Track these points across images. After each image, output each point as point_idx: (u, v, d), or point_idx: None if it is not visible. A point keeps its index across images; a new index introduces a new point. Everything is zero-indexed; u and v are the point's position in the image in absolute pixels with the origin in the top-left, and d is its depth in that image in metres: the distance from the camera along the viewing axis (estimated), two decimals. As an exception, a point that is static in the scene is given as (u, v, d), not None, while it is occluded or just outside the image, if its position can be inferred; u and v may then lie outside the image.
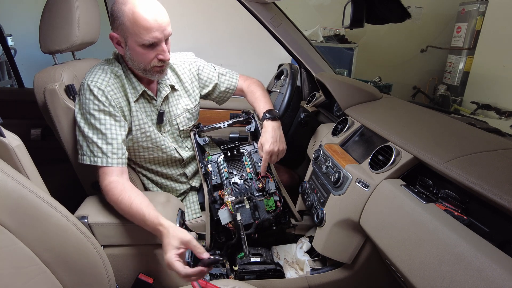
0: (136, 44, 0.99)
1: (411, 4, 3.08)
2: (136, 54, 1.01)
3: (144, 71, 1.06)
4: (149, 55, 1.01)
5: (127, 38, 0.99)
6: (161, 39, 0.99)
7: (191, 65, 1.28)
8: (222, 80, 1.34)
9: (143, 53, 1.00)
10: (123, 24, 0.97)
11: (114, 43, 1.04)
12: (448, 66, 3.49)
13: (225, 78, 1.35)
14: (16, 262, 0.62)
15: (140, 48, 0.99)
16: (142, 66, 1.04)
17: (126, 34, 0.98)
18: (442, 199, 0.78)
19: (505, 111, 2.64)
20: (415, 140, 0.89)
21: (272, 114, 1.21)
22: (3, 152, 0.74)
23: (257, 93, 1.32)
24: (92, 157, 1.01)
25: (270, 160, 1.19)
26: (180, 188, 1.29)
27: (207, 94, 1.35)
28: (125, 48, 1.02)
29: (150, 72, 1.06)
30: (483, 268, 0.55)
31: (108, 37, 1.04)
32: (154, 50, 1.01)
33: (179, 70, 1.24)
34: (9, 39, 2.73)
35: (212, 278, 1.13)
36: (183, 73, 1.25)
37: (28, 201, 0.65)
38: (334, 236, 1.02)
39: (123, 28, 0.98)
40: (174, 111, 1.22)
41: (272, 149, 1.16)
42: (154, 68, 1.05)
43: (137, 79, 1.11)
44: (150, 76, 1.07)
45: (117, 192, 0.96)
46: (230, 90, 1.36)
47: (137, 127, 1.11)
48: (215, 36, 2.66)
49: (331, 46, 3.10)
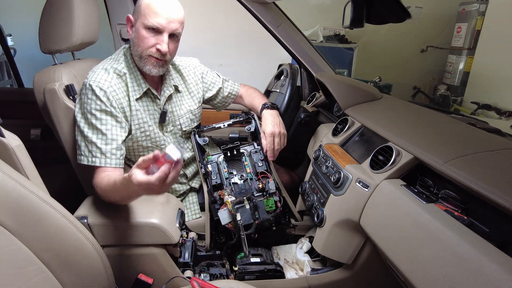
0: (142, 26, 1.03)
1: (411, 4, 3.08)
2: (139, 37, 1.04)
3: (140, 58, 1.06)
4: (149, 41, 1.03)
5: (137, 20, 1.04)
6: (165, 28, 1.02)
7: (195, 68, 1.31)
8: (226, 86, 1.40)
9: (145, 37, 1.03)
10: (139, 6, 1.03)
11: (128, 26, 1.09)
12: (448, 66, 3.49)
13: (228, 84, 1.41)
14: (15, 262, 0.62)
15: (144, 31, 1.03)
16: (139, 51, 1.05)
17: (138, 16, 1.04)
18: (442, 199, 0.77)
19: (506, 111, 2.63)
20: (415, 140, 0.89)
21: (270, 104, 1.28)
22: (3, 152, 0.74)
23: (254, 94, 1.41)
24: (90, 157, 1.00)
25: (274, 144, 1.21)
26: (180, 188, 1.29)
27: (210, 98, 1.38)
28: (133, 31, 1.07)
29: (144, 61, 1.06)
30: (483, 268, 0.55)
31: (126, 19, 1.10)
32: (155, 38, 1.03)
33: (184, 72, 1.26)
34: (9, 39, 2.73)
35: (212, 279, 1.13)
36: (188, 75, 1.27)
37: (28, 201, 0.65)
38: (334, 237, 1.02)
39: (138, 10, 1.04)
40: (178, 112, 1.22)
41: (274, 131, 1.20)
42: (149, 58, 1.05)
43: (142, 76, 1.11)
44: (143, 66, 1.07)
45: (106, 179, 0.96)
46: (232, 95, 1.42)
47: (137, 126, 1.11)
48: (215, 36, 2.66)
49: (331, 46, 3.10)
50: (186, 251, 1.10)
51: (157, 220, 0.98)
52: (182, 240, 1.11)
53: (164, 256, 1.04)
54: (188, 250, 1.11)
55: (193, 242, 1.14)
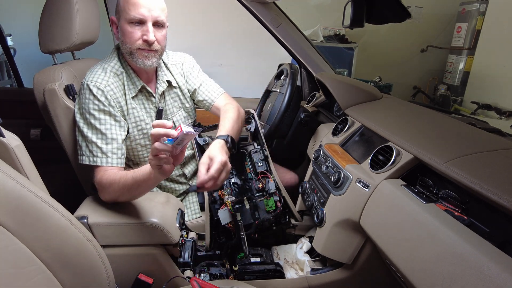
0: (125, 22, 1.02)
1: (411, 4, 3.07)
2: (124, 34, 1.04)
3: (131, 54, 1.06)
4: (135, 34, 1.02)
5: (120, 19, 1.04)
6: (148, 18, 1.01)
7: (183, 64, 1.28)
8: (203, 90, 1.28)
9: (130, 32, 1.02)
10: (118, 5, 1.03)
11: (114, 28, 1.08)
12: (449, 66, 3.49)
13: (206, 89, 1.28)
14: (15, 262, 0.62)
15: (128, 26, 1.02)
16: (128, 48, 1.05)
17: (119, 14, 1.04)
18: (443, 199, 0.77)
19: (506, 111, 2.63)
20: (416, 140, 0.89)
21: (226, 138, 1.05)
22: (3, 152, 0.74)
23: (228, 114, 1.18)
24: (91, 157, 1.01)
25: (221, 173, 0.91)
26: (179, 188, 1.29)
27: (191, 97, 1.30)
28: (118, 30, 1.06)
29: (135, 56, 1.05)
30: (483, 268, 0.55)
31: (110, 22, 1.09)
32: (140, 30, 1.03)
33: (173, 70, 1.25)
34: (8, 39, 2.72)
35: (212, 279, 1.13)
36: (177, 73, 1.25)
37: (28, 201, 0.65)
38: (334, 236, 1.02)
39: (118, 9, 1.04)
40: (171, 109, 1.23)
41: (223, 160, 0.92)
42: (139, 51, 1.05)
43: (136, 74, 1.11)
44: (135, 61, 1.06)
45: (112, 177, 0.97)
46: (207, 102, 1.28)
47: (133, 124, 1.11)
48: (215, 36, 2.66)
49: (331, 46, 3.10)
50: (186, 251, 1.10)
51: (157, 220, 0.98)
52: (182, 240, 1.11)
53: (164, 256, 1.04)
54: (188, 250, 1.11)
55: (193, 242, 1.14)
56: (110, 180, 0.97)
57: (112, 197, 1.00)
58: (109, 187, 0.97)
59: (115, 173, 0.99)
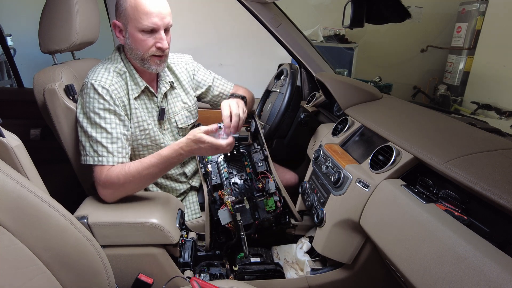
0: (136, 30, 1.01)
1: (411, 4, 3.07)
2: (135, 41, 1.03)
3: (142, 60, 1.06)
4: (148, 42, 1.02)
5: (128, 25, 1.01)
6: (160, 26, 1.01)
7: (187, 64, 1.30)
8: (217, 84, 1.36)
9: (142, 40, 1.02)
10: (125, 10, 1.00)
11: (116, 31, 1.07)
12: (448, 66, 3.49)
13: (220, 83, 1.37)
14: (15, 262, 0.62)
15: (140, 34, 1.01)
16: (140, 55, 1.05)
17: (127, 20, 1.01)
18: (443, 199, 0.77)
19: (506, 111, 2.63)
20: (415, 140, 0.89)
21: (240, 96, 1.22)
22: (3, 152, 0.74)
23: (242, 89, 1.39)
24: (96, 157, 1.00)
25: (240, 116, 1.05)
26: (180, 188, 1.29)
27: (201, 96, 1.36)
28: (126, 36, 1.05)
29: (147, 62, 1.06)
30: (483, 268, 0.55)
31: (111, 25, 1.06)
32: (153, 37, 1.02)
33: (177, 69, 1.25)
34: (8, 39, 2.72)
35: (212, 279, 1.13)
36: (180, 72, 1.26)
37: (28, 201, 0.65)
38: (334, 236, 1.02)
39: (124, 15, 1.01)
40: (173, 109, 1.23)
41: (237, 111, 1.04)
42: (152, 58, 1.05)
43: (139, 75, 1.11)
44: (147, 67, 1.07)
45: (118, 170, 0.99)
46: (223, 95, 1.37)
47: (136, 125, 1.11)
48: (215, 36, 2.66)
49: (331, 46, 3.10)
50: (186, 251, 1.10)
51: (157, 220, 0.98)
52: (182, 240, 1.11)
53: (164, 256, 1.04)
54: (188, 250, 1.11)
55: (193, 242, 1.14)
56: (117, 173, 0.98)
57: (120, 190, 1.00)
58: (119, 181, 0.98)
59: (122, 166, 1.00)
